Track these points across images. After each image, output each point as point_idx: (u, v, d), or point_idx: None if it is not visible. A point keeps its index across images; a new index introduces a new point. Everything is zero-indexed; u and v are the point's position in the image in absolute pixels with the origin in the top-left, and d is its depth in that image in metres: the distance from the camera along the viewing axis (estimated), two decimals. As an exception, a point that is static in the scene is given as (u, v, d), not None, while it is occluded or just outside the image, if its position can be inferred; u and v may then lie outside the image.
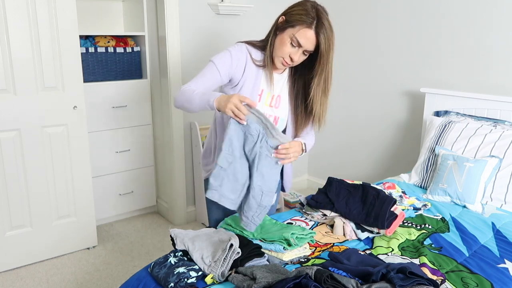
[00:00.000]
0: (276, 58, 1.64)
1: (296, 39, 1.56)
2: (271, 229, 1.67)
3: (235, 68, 1.65)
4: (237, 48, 1.67)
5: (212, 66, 1.65)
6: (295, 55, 1.59)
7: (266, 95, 1.71)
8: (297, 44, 1.57)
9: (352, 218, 1.80)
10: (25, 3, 2.38)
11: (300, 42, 1.56)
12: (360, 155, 3.49)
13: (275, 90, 1.73)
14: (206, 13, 3.12)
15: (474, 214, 2.02)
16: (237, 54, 1.66)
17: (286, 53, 1.60)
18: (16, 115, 2.47)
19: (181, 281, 1.36)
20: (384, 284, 1.26)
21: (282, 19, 1.62)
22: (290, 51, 1.59)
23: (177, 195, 3.23)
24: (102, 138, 3.10)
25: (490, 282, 1.44)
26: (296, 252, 1.55)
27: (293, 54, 1.59)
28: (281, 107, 1.74)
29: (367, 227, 1.77)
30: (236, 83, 1.68)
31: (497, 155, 2.20)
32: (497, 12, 2.52)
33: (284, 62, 1.63)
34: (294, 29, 1.56)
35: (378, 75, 3.24)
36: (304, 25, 1.55)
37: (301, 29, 1.55)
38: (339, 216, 1.84)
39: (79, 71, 2.63)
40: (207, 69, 1.66)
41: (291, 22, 1.57)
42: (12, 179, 2.52)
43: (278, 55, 1.62)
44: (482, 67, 2.63)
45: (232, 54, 1.65)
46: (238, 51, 1.67)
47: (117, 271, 2.63)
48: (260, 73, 1.69)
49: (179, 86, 3.07)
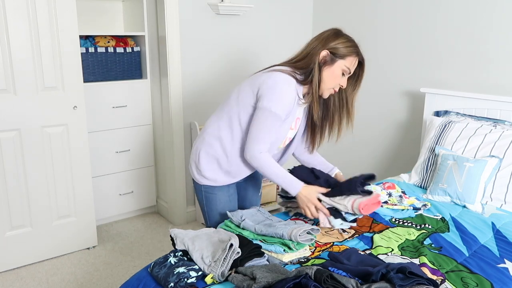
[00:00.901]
0: (326, 90, 1.73)
1: (348, 69, 1.70)
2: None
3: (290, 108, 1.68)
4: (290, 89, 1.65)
5: (274, 117, 1.63)
6: (344, 82, 1.73)
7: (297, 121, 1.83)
8: (348, 73, 1.71)
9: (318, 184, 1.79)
10: (25, 3, 2.38)
11: (350, 69, 1.71)
12: (360, 155, 3.49)
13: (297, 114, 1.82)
14: (206, 13, 3.13)
15: (474, 214, 2.02)
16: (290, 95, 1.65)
17: (338, 83, 1.72)
18: (16, 115, 2.47)
19: (181, 281, 1.36)
20: (384, 284, 1.26)
21: (327, 53, 1.67)
22: (341, 81, 1.72)
23: (177, 195, 3.23)
24: (102, 138, 3.11)
25: (490, 282, 1.44)
26: (296, 254, 1.55)
27: (343, 82, 1.72)
28: (296, 128, 1.86)
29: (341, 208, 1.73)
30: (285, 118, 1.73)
31: (497, 155, 2.20)
32: (497, 12, 2.52)
33: (334, 91, 1.75)
34: (345, 61, 1.68)
35: (378, 75, 3.24)
36: (354, 55, 1.70)
37: (354, 60, 1.70)
38: None
39: (79, 71, 2.63)
40: (270, 120, 1.63)
41: (341, 55, 1.67)
42: (12, 179, 2.52)
43: (329, 87, 1.72)
44: (482, 67, 2.63)
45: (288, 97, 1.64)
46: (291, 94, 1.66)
47: (117, 271, 2.63)
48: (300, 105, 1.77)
49: (179, 86, 3.06)
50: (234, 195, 1.90)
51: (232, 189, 1.88)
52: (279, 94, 1.61)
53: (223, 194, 1.85)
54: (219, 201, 1.85)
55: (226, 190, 1.85)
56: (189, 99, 3.18)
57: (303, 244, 1.56)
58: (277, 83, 1.63)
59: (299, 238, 1.52)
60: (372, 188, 2.19)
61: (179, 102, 3.10)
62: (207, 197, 1.86)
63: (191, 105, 3.19)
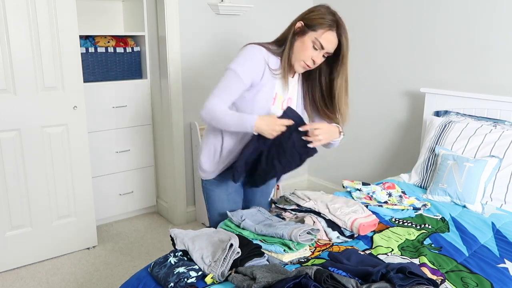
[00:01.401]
0: (296, 62, 1.68)
1: (319, 42, 1.61)
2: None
3: (255, 72, 1.67)
4: (256, 52, 1.67)
5: (234, 75, 1.65)
6: (317, 57, 1.65)
7: (279, 98, 1.76)
8: (319, 47, 1.62)
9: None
10: (25, 3, 2.38)
11: (323, 45, 1.62)
12: (360, 155, 3.49)
13: (288, 94, 1.78)
14: (206, 13, 3.13)
15: (474, 214, 2.02)
16: (257, 58, 1.67)
17: (309, 56, 1.64)
18: (16, 115, 2.47)
19: (181, 281, 1.36)
20: (384, 284, 1.26)
21: (300, 24, 1.65)
22: (313, 54, 1.64)
23: (177, 195, 3.23)
24: (102, 138, 3.11)
25: (490, 282, 1.44)
26: (296, 254, 1.55)
27: (316, 57, 1.64)
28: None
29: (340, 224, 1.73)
30: (255, 86, 1.69)
31: (497, 155, 2.20)
32: (497, 12, 2.52)
33: (306, 65, 1.67)
34: (317, 33, 1.61)
35: (378, 75, 3.24)
36: (327, 28, 1.61)
37: (324, 32, 1.61)
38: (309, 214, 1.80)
39: (79, 71, 2.63)
40: (229, 79, 1.65)
41: (312, 26, 1.62)
42: (12, 179, 2.52)
43: (299, 59, 1.66)
44: (482, 67, 2.63)
45: (252, 59, 1.66)
46: (258, 54, 1.67)
47: (117, 271, 2.63)
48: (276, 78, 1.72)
49: (179, 86, 3.07)
50: (234, 196, 1.90)
51: (231, 188, 1.88)
52: (243, 56, 1.66)
53: (222, 192, 1.85)
54: (218, 198, 1.86)
55: (225, 189, 1.86)
56: (189, 99, 3.18)
57: (303, 244, 1.56)
58: (244, 48, 1.69)
59: (299, 238, 1.52)
60: (372, 188, 2.19)
61: (179, 102, 3.10)
62: (207, 193, 1.89)
63: (191, 105, 3.19)
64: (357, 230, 1.72)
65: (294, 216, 1.85)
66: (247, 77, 1.65)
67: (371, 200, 2.10)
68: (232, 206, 1.88)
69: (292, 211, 1.85)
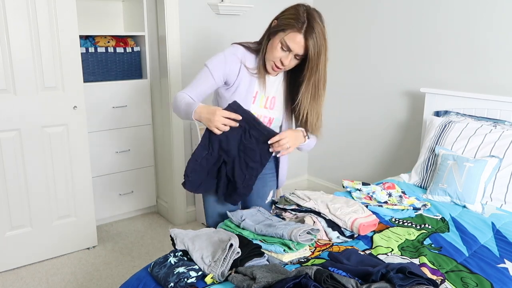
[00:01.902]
0: (267, 62, 1.65)
1: (285, 43, 1.56)
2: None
3: (229, 71, 1.67)
4: (232, 51, 1.68)
5: (206, 70, 1.67)
6: (285, 59, 1.59)
7: (260, 97, 1.73)
8: (287, 48, 1.57)
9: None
10: (25, 3, 2.38)
11: (289, 46, 1.56)
12: (360, 155, 3.49)
13: (270, 92, 1.74)
14: (206, 13, 3.13)
15: (474, 214, 2.02)
16: (231, 58, 1.67)
17: (277, 57, 1.60)
18: (16, 115, 2.47)
19: (181, 281, 1.36)
20: (384, 284, 1.26)
21: (275, 23, 1.62)
22: (281, 56, 1.59)
23: (177, 195, 3.23)
24: (102, 138, 3.11)
25: (490, 282, 1.44)
26: (296, 254, 1.55)
27: (284, 59, 1.59)
28: (276, 108, 1.76)
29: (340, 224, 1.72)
30: (231, 85, 1.69)
31: (497, 155, 2.20)
32: (497, 12, 2.52)
33: (275, 67, 1.63)
34: (284, 33, 1.56)
35: (378, 75, 3.24)
36: (294, 29, 1.54)
37: (290, 33, 1.55)
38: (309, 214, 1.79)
39: (79, 71, 2.63)
40: (201, 74, 1.69)
41: (281, 26, 1.57)
42: (12, 179, 2.52)
43: (269, 59, 1.63)
44: (482, 67, 2.63)
45: (227, 57, 1.66)
46: (233, 54, 1.67)
47: (117, 271, 2.63)
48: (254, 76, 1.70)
49: (179, 86, 3.07)
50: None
51: None
52: (219, 54, 1.68)
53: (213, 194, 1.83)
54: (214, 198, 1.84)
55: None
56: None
57: (303, 244, 1.56)
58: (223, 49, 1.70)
59: (299, 238, 1.52)
60: (372, 188, 2.19)
61: (179, 102, 3.09)
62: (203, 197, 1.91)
63: (191, 105, 3.19)
64: (357, 230, 1.72)
65: (294, 216, 1.85)
66: (218, 73, 1.66)
67: (371, 200, 2.10)
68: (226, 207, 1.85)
69: (292, 211, 1.85)
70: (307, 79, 1.60)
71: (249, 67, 1.68)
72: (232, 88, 1.69)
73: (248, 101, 1.70)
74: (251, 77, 1.69)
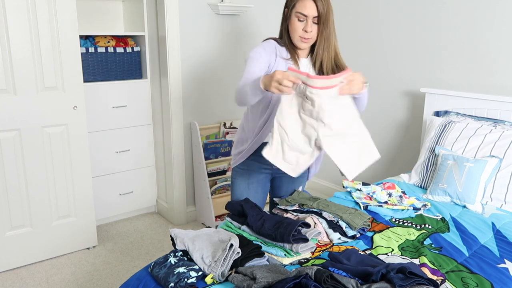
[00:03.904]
0: (295, 39, 1.79)
1: (300, 13, 1.73)
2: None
3: (268, 58, 1.79)
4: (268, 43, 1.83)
5: (252, 59, 1.78)
6: (307, 26, 1.74)
7: None
8: (303, 17, 1.74)
9: (262, 233, 1.61)
10: (25, 3, 2.38)
11: (303, 13, 1.73)
12: (360, 155, 3.49)
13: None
14: (206, 13, 3.13)
15: (474, 214, 2.02)
16: (269, 48, 1.80)
17: (299, 28, 1.76)
18: (16, 115, 2.47)
19: (181, 281, 1.36)
20: (384, 284, 1.26)
21: (285, 10, 1.81)
22: (301, 25, 1.75)
23: (177, 195, 3.23)
24: (102, 138, 3.11)
25: (490, 282, 1.44)
26: (297, 256, 1.55)
27: (306, 27, 1.75)
28: None
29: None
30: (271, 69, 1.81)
31: (497, 155, 2.20)
32: (497, 12, 2.52)
33: (303, 38, 1.77)
34: (296, 7, 1.74)
35: (378, 75, 3.24)
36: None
37: (304, 3, 1.72)
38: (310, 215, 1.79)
39: (79, 71, 2.63)
40: (248, 64, 1.79)
41: (291, 3, 1.77)
42: (12, 179, 2.52)
43: (294, 35, 1.78)
44: (482, 67, 2.63)
45: (265, 48, 1.80)
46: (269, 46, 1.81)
47: (117, 271, 2.63)
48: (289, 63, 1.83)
49: (179, 86, 3.07)
50: (255, 185, 1.97)
51: (253, 178, 1.95)
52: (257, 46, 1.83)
53: (243, 180, 1.96)
54: (238, 186, 1.97)
55: (246, 178, 1.95)
56: (189, 99, 3.18)
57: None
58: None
59: (300, 249, 1.52)
60: (372, 188, 2.19)
61: (179, 102, 3.10)
62: (232, 181, 2.02)
63: (191, 105, 3.19)
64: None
65: (296, 217, 1.84)
66: (263, 57, 1.77)
67: (371, 200, 2.10)
68: (252, 195, 1.96)
69: (293, 212, 1.85)
70: (321, 33, 1.77)
71: (285, 57, 1.82)
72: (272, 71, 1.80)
73: None
74: (286, 64, 1.82)
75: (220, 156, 3.32)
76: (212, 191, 3.25)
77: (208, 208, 3.16)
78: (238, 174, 1.98)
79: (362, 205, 2.05)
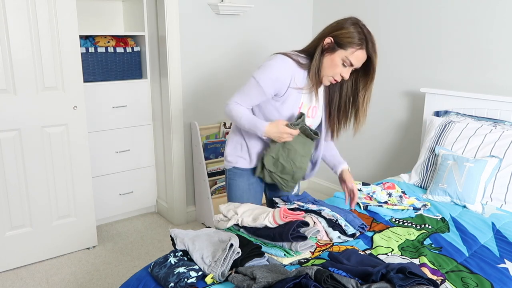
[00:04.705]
0: (325, 77, 1.72)
1: (349, 60, 1.66)
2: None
3: (279, 87, 1.72)
4: (283, 67, 1.70)
5: (257, 85, 1.71)
6: (346, 73, 1.70)
7: (305, 106, 1.81)
8: (349, 65, 1.67)
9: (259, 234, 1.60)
10: (25, 3, 2.38)
11: (352, 63, 1.67)
12: (360, 155, 3.49)
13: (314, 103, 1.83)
14: (206, 13, 3.13)
15: (474, 214, 2.02)
16: (282, 75, 1.70)
17: (338, 73, 1.69)
18: (16, 115, 2.47)
19: (181, 281, 1.36)
20: (384, 284, 1.26)
21: (330, 40, 1.67)
22: (342, 71, 1.69)
23: (177, 195, 3.23)
24: (102, 138, 3.11)
25: (490, 282, 1.44)
26: (297, 257, 1.55)
27: (344, 73, 1.70)
28: (316, 116, 1.87)
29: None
30: (280, 96, 1.76)
31: (497, 155, 2.20)
32: (497, 12, 2.52)
33: (334, 80, 1.73)
34: (347, 52, 1.65)
35: (378, 75, 3.22)
36: (358, 47, 1.64)
37: (355, 51, 1.65)
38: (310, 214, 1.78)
39: (79, 71, 2.63)
40: (251, 87, 1.73)
41: (342, 45, 1.65)
42: (12, 179, 2.52)
43: (328, 74, 1.71)
44: (482, 67, 2.63)
45: (278, 76, 1.70)
46: (283, 69, 1.70)
47: (117, 271, 2.63)
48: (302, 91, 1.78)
49: (179, 86, 3.07)
50: (255, 186, 1.95)
51: (253, 179, 1.94)
52: (268, 67, 1.70)
53: (243, 181, 1.93)
54: (238, 187, 1.93)
55: (246, 178, 1.93)
56: (189, 99, 3.18)
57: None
58: (271, 59, 1.72)
59: (299, 248, 1.52)
60: (372, 188, 2.19)
61: (179, 102, 3.10)
62: (229, 183, 1.96)
63: (191, 105, 3.19)
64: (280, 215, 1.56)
65: None
66: (269, 90, 1.71)
67: (371, 200, 2.10)
68: (252, 195, 1.95)
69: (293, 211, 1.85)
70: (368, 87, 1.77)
71: (298, 84, 1.74)
72: (281, 99, 1.76)
73: (294, 110, 1.79)
74: (298, 94, 1.77)
75: (220, 156, 3.32)
76: (212, 191, 3.25)
77: (208, 208, 3.16)
78: (236, 175, 1.93)
79: (362, 205, 2.06)
